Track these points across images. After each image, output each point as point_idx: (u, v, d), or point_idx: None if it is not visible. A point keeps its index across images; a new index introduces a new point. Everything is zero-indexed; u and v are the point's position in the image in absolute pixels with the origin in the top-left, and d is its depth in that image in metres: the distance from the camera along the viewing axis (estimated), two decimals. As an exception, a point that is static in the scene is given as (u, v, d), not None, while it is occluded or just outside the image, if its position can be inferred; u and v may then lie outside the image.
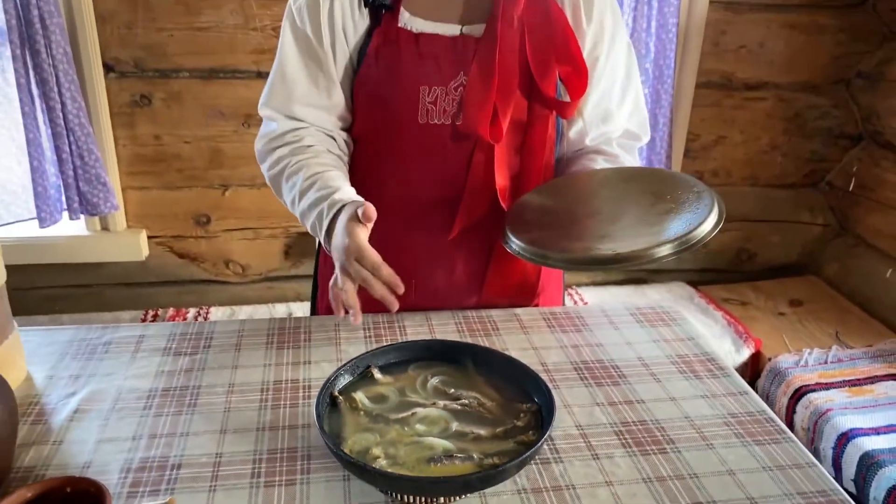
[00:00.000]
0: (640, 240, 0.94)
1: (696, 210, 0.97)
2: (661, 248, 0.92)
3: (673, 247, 0.92)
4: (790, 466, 0.88)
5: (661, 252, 0.92)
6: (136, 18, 2.05)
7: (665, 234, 0.94)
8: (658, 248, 0.92)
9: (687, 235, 0.92)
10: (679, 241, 0.92)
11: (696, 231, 0.93)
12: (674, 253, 0.92)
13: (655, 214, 1.00)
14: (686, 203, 0.99)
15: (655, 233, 0.95)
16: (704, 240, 0.94)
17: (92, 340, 1.12)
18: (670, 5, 2.12)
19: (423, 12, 1.08)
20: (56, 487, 0.73)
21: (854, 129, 2.44)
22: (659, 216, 0.99)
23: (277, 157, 1.12)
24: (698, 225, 0.93)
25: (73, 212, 2.15)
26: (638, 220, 1.00)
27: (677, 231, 0.94)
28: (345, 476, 0.83)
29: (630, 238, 0.96)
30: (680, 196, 1.01)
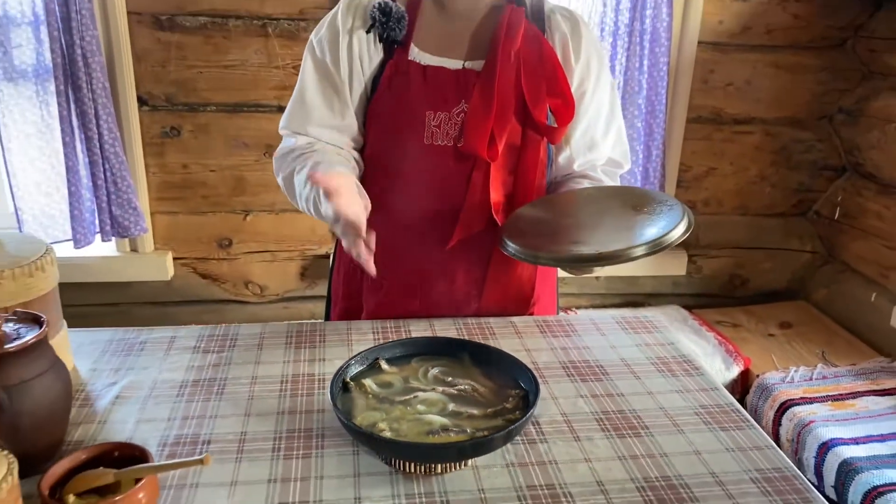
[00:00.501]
0: (619, 242, 1.06)
1: (668, 219, 1.08)
2: (637, 248, 1.03)
3: (647, 248, 1.03)
4: (751, 448, 0.97)
5: (636, 252, 1.03)
6: (169, 57, 2.21)
7: (641, 237, 1.05)
8: (634, 249, 1.03)
9: (659, 239, 1.04)
10: (653, 244, 1.03)
11: (667, 235, 1.04)
12: (648, 253, 1.03)
13: (633, 222, 1.11)
14: (660, 213, 1.10)
15: (632, 237, 1.06)
16: (675, 243, 1.05)
17: (129, 340, 1.24)
18: (661, 46, 2.25)
19: (430, 48, 1.21)
20: (107, 451, 0.84)
21: (838, 161, 2.55)
22: (636, 224, 1.10)
23: (289, 161, 1.23)
24: (670, 231, 1.04)
25: (105, 234, 2.28)
26: (618, 227, 1.11)
27: (651, 235, 1.05)
28: (354, 451, 0.93)
29: (611, 241, 1.07)
30: (655, 208, 1.13)
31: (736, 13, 2.35)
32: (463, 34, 1.21)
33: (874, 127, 2.35)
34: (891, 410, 1.88)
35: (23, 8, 2.04)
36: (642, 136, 2.35)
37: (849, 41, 2.42)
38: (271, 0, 2.17)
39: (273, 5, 2.18)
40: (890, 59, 2.28)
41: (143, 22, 2.17)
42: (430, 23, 1.22)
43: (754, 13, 2.35)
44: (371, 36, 1.20)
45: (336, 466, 0.90)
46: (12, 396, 0.81)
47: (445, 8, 1.22)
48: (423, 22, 1.22)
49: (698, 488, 0.88)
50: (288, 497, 0.85)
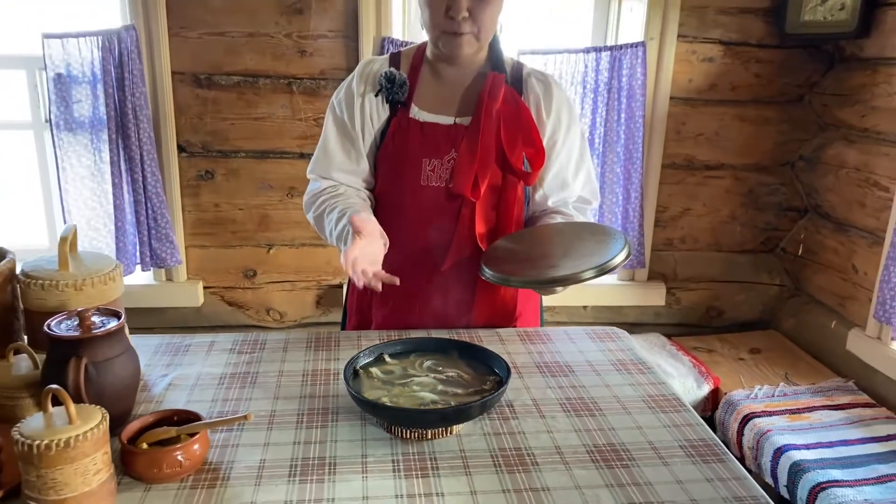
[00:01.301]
0: (573, 268, 1.25)
1: (612, 248, 1.28)
2: (586, 272, 1.23)
3: (595, 271, 1.23)
4: (683, 425, 1.16)
5: (586, 275, 1.23)
6: (206, 110, 2.47)
7: (590, 263, 1.26)
8: (584, 272, 1.23)
9: (604, 264, 1.24)
10: (598, 268, 1.23)
11: (610, 261, 1.24)
12: (595, 276, 1.23)
13: (587, 251, 1.31)
14: (607, 244, 1.31)
15: (584, 263, 1.26)
16: (617, 266, 1.26)
17: (176, 343, 1.45)
18: (637, 101, 2.49)
19: (427, 107, 1.44)
20: (168, 416, 1.04)
21: (800, 203, 2.76)
22: (589, 252, 1.30)
23: (318, 202, 1.46)
24: (612, 258, 1.25)
25: (144, 264, 2.51)
26: (575, 255, 1.31)
27: (598, 262, 1.25)
28: (362, 422, 1.13)
29: (568, 267, 1.27)
30: (604, 240, 1.33)
31: (703, 72, 2.59)
32: (454, 96, 1.45)
33: (829, 172, 2.57)
34: (841, 422, 2.04)
35: (83, 69, 2.31)
36: (621, 180, 2.57)
37: (805, 96, 2.66)
38: (296, 62, 2.44)
39: (297, 67, 2.45)
40: (840, 112, 2.51)
41: (185, 80, 2.44)
42: (427, 86, 1.46)
43: (719, 72, 2.60)
44: (379, 98, 1.44)
45: (347, 433, 1.10)
46: (98, 370, 1.02)
47: (440, 75, 1.46)
48: (422, 86, 1.46)
49: (636, 452, 1.08)
50: (309, 454, 1.05)
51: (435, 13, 1.35)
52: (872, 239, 2.32)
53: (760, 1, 2.53)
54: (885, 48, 2.27)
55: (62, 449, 0.85)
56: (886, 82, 2.27)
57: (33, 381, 1.08)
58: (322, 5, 2.40)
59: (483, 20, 1.34)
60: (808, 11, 2.44)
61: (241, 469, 1.01)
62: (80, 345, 1.01)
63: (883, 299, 2.10)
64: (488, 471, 1.02)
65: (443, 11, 1.33)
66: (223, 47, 2.42)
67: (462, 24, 1.34)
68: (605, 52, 2.47)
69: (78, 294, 1.19)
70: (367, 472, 1.01)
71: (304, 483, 0.98)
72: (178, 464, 0.96)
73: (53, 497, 0.86)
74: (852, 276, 2.43)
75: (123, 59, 2.29)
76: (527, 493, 0.97)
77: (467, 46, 1.37)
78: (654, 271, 2.81)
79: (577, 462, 1.05)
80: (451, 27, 1.34)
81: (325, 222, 1.45)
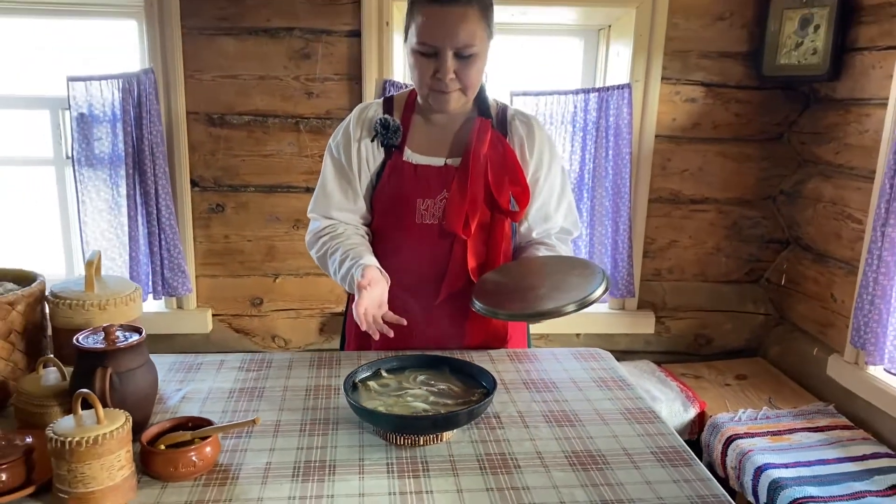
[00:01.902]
0: (556, 302, 1.35)
1: (592, 283, 1.37)
2: (568, 306, 1.32)
3: (575, 305, 1.32)
4: (655, 434, 1.25)
5: (567, 309, 1.32)
6: (218, 147, 2.60)
7: (571, 297, 1.35)
8: (566, 306, 1.33)
9: (584, 298, 1.33)
10: (579, 302, 1.32)
11: (590, 296, 1.34)
12: (576, 310, 1.33)
13: (569, 285, 1.39)
14: (587, 278, 1.40)
15: (565, 297, 1.35)
16: (595, 301, 1.35)
17: (188, 362, 1.54)
18: (623, 139, 2.62)
19: (419, 150, 1.55)
20: (183, 422, 1.14)
21: (782, 235, 2.86)
22: (570, 286, 1.39)
23: (321, 242, 1.56)
24: (592, 292, 1.34)
25: (157, 293, 2.62)
26: (558, 289, 1.39)
27: (578, 296, 1.34)
28: (360, 431, 1.22)
29: (551, 301, 1.36)
30: (584, 273, 1.42)
31: (686, 112, 2.72)
32: (444, 139, 1.55)
33: (808, 206, 2.68)
34: (819, 443, 2.11)
35: (104, 108, 2.45)
36: (610, 213, 2.68)
37: (785, 134, 2.78)
38: (303, 103, 2.58)
39: (304, 107, 2.59)
40: (817, 149, 2.63)
41: (199, 119, 2.58)
42: (419, 131, 1.56)
43: (702, 112, 2.73)
44: (375, 143, 1.54)
45: (346, 440, 1.19)
46: (121, 379, 1.12)
47: (430, 120, 1.56)
48: (414, 130, 1.56)
49: (610, 457, 1.16)
50: (311, 458, 1.13)
51: (423, 74, 1.44)
52: (848, 269, 2.42)
53: (739, 45, 2.67)
54: (855, 90, 2.40)
55: (91, 446, 0.94)
56: (857, 121, 2.40)
57: (61, 391, 1.17)
58: (328, 50, 2.55)
59: (468, 78, 1.44)
60: (784, 56, 2.58)
61: (249, 470, 1.10)
62: (106, 356, 1.11)
63: (858, 325, 2.19)
64: (474, 472, 1.11)
65: (431, 73, 1.43)
66: (235, 89, 2.56)
67: (449, 83, 1.43)
68: (593, 93, 2.61)
69: (102, 313, 1.30)
70: (364, 473, 1.09)
71: (306, 482, 1.07)
72: (192, 464, 1.05)
73: (82, 490, 0.95)
74: (831, 305, 2.52)
75: (142, 99, 2.42)
76: (508, 492, 1.06)
77: (454, 102, 1.47)
78: (644, 300, 2.90)
79: (555, 465, 1.13)
80: (439, 87, 1.43)
81: (328, 262, 1.54)
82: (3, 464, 0.98)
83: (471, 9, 1.40)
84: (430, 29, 1.40)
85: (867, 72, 2.34)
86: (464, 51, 1.41)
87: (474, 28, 1.40)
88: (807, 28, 2.50)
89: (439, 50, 1.40)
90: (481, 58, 1.46)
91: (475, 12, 1.41)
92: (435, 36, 1.39)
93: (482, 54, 1.45)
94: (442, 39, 1.39)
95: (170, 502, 1.01)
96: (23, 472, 1.01)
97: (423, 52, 1.42)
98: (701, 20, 2.64)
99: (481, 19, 1.42)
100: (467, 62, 1.42)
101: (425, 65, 1.43)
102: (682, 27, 2.63)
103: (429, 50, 1.41)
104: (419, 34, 1.41)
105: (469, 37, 1.40)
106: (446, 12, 1.38)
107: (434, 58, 1.42)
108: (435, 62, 1.42)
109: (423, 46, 1.41)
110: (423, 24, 1.40)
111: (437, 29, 1.39)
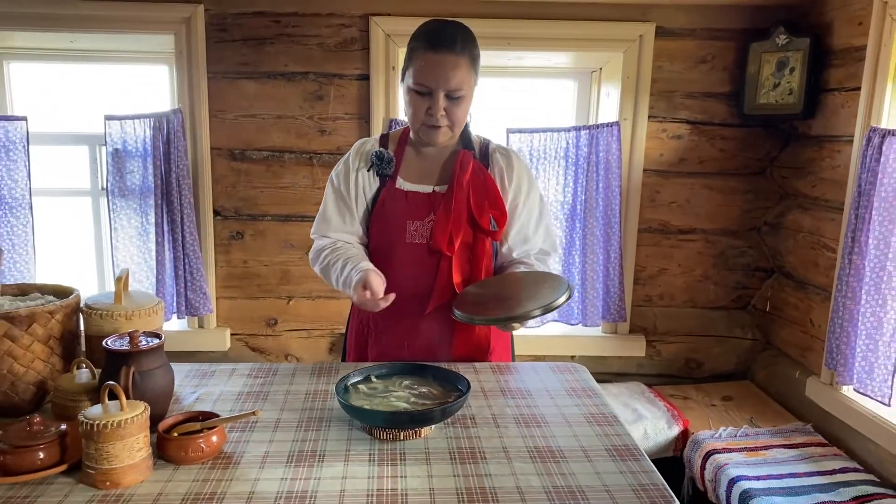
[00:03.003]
0: (523, 308, 1.49)
1: (557, 292, 1.52)
2: (534, 311, 1.47)
3: (541, 310, 1.47)
4: (612, 434, 1.37)
5: (533, 314, 1.47)
6: (239, 180, 2.80)
7: (536, 304, 1.49)
8: (532, 311, 1.47)
9: (549, 304, 1.48)
10: (543, 307, 1.47)
11: (553, 302, 1.48)
12: (540, 314, 1.47)
13: (538, 295, 1.54)
14: (554, 289, 1.54)
15: (532, 304, 1.50)
16: (559, 307, 1.49)
17: (203, 369, 1.70)
18: (613, 173, 2.76)
19: (410, 179, 1.72)
20: (194, 416, 1.29)
21: (767, 264, 2.97)
22: (539, 295, 1.53)
23: (323, 256, 1.73)
24: (556, 299, 1.49)
25: (180, 313, 2.79)
26: (529, 299, 1.54)
27: (542, 302, 1.49)
28: (349, 428, 1.36)
29: (519, 308, 1.51)
30: (553, 285, 1.56)
31: (673, 148, 2.87)
32: (433, 169, 1.72)
33: (789, 236, 2.79)
34: (793, 458, 2.20)
35: (137, 145, 2.67)
36: (602, 243, 2.82)
37: (767, 169, 2.91)
38: (316, 140, 2.78)
39: (318, 144, 2.78)
40: (796, 183, 2.75)
41: (222, 154, 2.78)
42: (410, 161, 1.73)
43: (687, 148, 2.87)
44: (371, 173, 1.72)
45: (335, 434, 1.33)
46: (143, 377, 1.28)
47: (420, 152, 1.73)
48: (406, 162, 1.73)
49: (568, 452, 1.29)
50: (304, 448, 1.28)
51: (417, 111, 1.62)
52: (824, 295, 2.52)
53: (721, 86, 2.82)
54: (827, 127, 2.54)
55: (115, 428, 1.10)
56: (830, 157, 2.52)
57: (92, 387, 1.33)
58: (339, 92, 2.75)
59: (456, 116, 1.62)
60: (762, 96, 2.72)
61: (250, 457, 1.25)
62: (130, 357, 1.27)
63: (830, 348, 2.29)
64: (445, 462, 1.24)
65: (424, 110, 1.61)
66: (255, 127, 2.76)
67: (440, 119, 1.61)
68: (584, 130, 2.77)
69: (128, 322, 1.47)
70: (349, 462, 1.23)
71: (297, 467, 1.21)
72: (200, 449, 1.20)
73: (106, 466, 1.11)
74: (810, 329, 2.62)
75: (170, 136, 2.63)
76: (472, 478, 1.19)
77: (443, 136, 1.65)
78: (635, 325, 3.01)
79: (517, 458, 1.26)
80: (431, 122, 1.62)
81: (330, 272, 1.71)
82: (41, 444, 1.14)
83: (462, 58, 1.58)
84: (426, 72, 1.58)
85: (837, 110, 2.47)
86: (454, 93, 1.59)
87: (464, 75, 1.59)
88: (783, 70, 2.65)
89: (433, 91, 1.59)
90: (468, 99, 1.64)
91: (466, 62, 1.59)
92: (429, 79, 1.58)
93: (468, 96, 1.64)
94: (436, 82, 1.58)
95: (180, 480, 1.16)
96: (57, 452, 1.16)
97: (418, 91, 1.60)
98: (685, 63, 2.80)
99: (470, 68, 1.61)
100: (456, 102, 1.61)
101: (420, 103, 1.61)
102: (667, 69, 2.80)
103: (424, 90, 1.59)
104: (416, 76, 1.59)
105: (459, 82, 1.58)
106: (442, 59, 1.57)
107: (428, 97, 1.60)
108: (428, 101, 1.60)
109: (419, 86, 1.60)
110: (421, 67, 1.58)
111: (433, 73, 1.57)
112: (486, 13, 2.68)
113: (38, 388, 1.40)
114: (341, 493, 1.14)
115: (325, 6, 2.68)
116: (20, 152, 2.68)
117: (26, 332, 1.36)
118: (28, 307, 1.39)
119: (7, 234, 2.73)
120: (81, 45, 2.79)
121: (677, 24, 2.76)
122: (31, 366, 1.38)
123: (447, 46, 1.57)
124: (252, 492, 1.14)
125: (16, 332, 1.34)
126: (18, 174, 2.70)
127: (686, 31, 2.77)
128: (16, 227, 2.73)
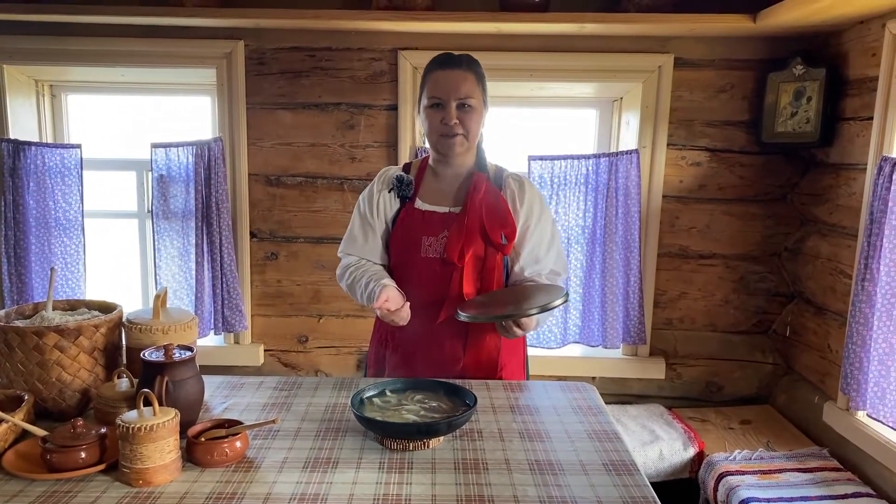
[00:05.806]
0: (521, 309, 1.61)
1: (555, 296, 1.62)
2: (532, 309, 1.58)
3: (538, 309, 1.58)
4: (609, 451, 1.43)
5: (531, 311, 1.58)
6: (274, 204, 2.94)
7: (534, 304, 1.60)
8: (530, 310, 1.58)
9: (546, 305, 1.58)
10: (541, 307, 1.58)
11: (551, 304, 1.58)
12: (538, 312, 1.59)
13: (537, 300, 1.65)
14: (553, 296, 1.64)
15: (531, 304, 1.62)
16: (555, 308, 1.60)
17: (233, 382, 1.81)
18: (632, 199, 2.82)
19: (428, 200, 1.83)
20: (221, 423, 1.39)
21: (787, 289, 2.98)
22: (538, 300, 1.64)
23: (349, 272, 1.86)
24: (552, 301, 1.59)
25: (217, 329, 2.93)
26: (527, 301, 1.67)
27: (540, 302, 1.60)
28: (363, 438, 1.45)
29: (518, 309, 1.63)
30: (552, 293, 1.67)
31: (692, 174, 2.91)
32: (449, 191, 1.84)
33: (809, 262, 2.80)
34: (806, 482, 2.20)
35: (180, 171, 2.83)
36: (621, 266, 2.87)
37: (788, 196, 2.92)
38: (347, 166, 2.90)
39: (348, 170, 2.91)
40: (815, 209, 2.77)
41: (259, 180, 2.93)
42: (428, 184, 1.86)
43: (706, 175, 2.91)
44: (392, 195, 1.84)
45: (350, 444, 1.42)
46: (175, 386, 1.39)
47: (438, 175, 1.86)
48: (425, 184, 1.86)
49: (566, 465, 1.35)
50: (320, 456, 1.37)
51: (434, 123, 1.77)
52: (841, 321, 2.52)
53: (740, 115, 2.86)
54: (844, 155, 2.56)
55: (148, 431, 1.21)
56: (846, 184, 2.54)
57: (130, 395, 1.45)
58: (369, 122, 2.87)
59: (469, 125, 1.76)
60: (780, 124, 2.75)
61: (269, 462, 1.34)
62: (164, 367, 1.39)
63: (846, 374, 2.29)
64: (449, 471, 1.32)
65: (439, 120, 1.76)
66: (290, 154, 2.91)
67: (454, 127, 1.75)
68: (603, 157, 2.84)
69: (165, 336, 1.59)
70: (360, 469, 1.32)
71: (312, 472, 1.30)
72: (224, 454, 1.30)
73: (139, 466, 1.21)
74: (828, 355, 2.61)
75: (211, 163, 2.79)
76: (473, 487, 1.26)
77: (459, 146, 1.78)
78: (656, 348, 3.04)
79: (518, 469, 1.33)
80: (446, 131, 1.76)
81: (356, 288, 1.84)
82: (83, 445, 1.26)
83: (469, 73, 1.78)
84: (437, 86, 1.77)
85: (853, 139, 2.49)
86: (464, 101, 1.76)
87: (472, 87, 1.77)
88: (800, 99, 2.68)
89: (445, 102, 1.76)
90: (478, 112, 1.79)
91: (472, 77, 1.78)
92: (441, 90, 1.76)
93: (478, 109, 1.79)
94: (446, 93, 1.75)
95: (205, 481, 1.26)
96: (97, 453, 1.28)
97: (432, 105, 1.77)
98: (704, 93, 2.85)
99: (477, 84, 1.79)
100: (467, 112, 1.77)
101: (434, 116, 1.78)
102: (686, 99, 2.85)
103: (437, 102, 1.76)
104: (429, 91, 1.78)
105: (468, 91, 1.76)
106: (450, 73, 1.76)
107: (441, 108, 1.76)
108: (442, 112, 1.77)
109: (432, 100, 1.77)
110: (433, 84, 1.78)
111: (443, 85, 1.76)
112: (510, 46, 2.78)
113: (82, 394, 1.52)
114: (350, 496, 1.22)
115: (356, 41, 2.82)
116: (74, 177, 2.87)
117: (74, 343, 1.49)
118: (76, 321, 1.52)
119: (60, 254, 2.91)
120: (131, 78, 2.98)
121: (697, 56, 2.82)
122: (78, 374, 1.51)
123: (454, 64, 1.77)
124: (269, 493, 1.23)
125: (64, 343, 1.47)
126: (72, 197, 2.88)
127: (705, 61, 2.83)
128: (69, 247, 2.92)
